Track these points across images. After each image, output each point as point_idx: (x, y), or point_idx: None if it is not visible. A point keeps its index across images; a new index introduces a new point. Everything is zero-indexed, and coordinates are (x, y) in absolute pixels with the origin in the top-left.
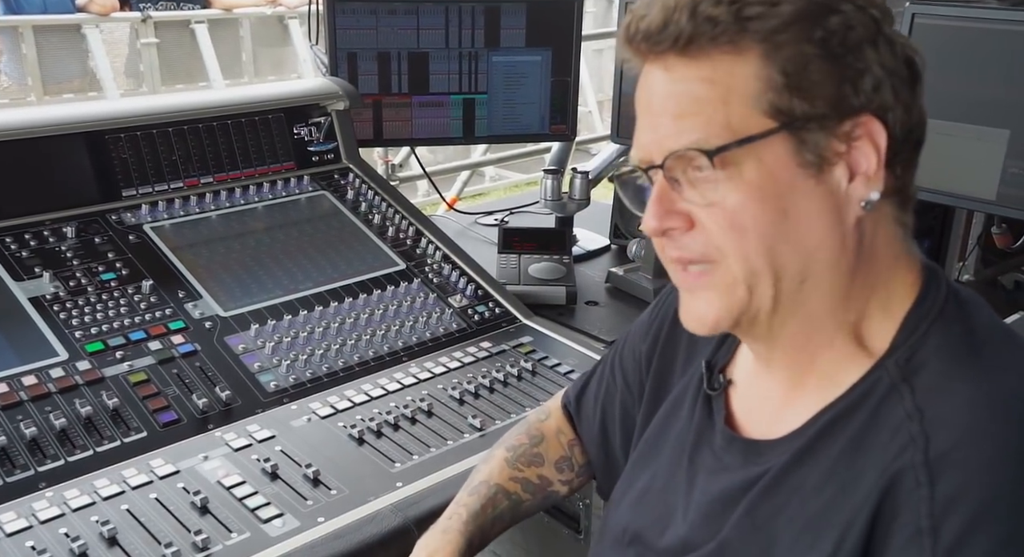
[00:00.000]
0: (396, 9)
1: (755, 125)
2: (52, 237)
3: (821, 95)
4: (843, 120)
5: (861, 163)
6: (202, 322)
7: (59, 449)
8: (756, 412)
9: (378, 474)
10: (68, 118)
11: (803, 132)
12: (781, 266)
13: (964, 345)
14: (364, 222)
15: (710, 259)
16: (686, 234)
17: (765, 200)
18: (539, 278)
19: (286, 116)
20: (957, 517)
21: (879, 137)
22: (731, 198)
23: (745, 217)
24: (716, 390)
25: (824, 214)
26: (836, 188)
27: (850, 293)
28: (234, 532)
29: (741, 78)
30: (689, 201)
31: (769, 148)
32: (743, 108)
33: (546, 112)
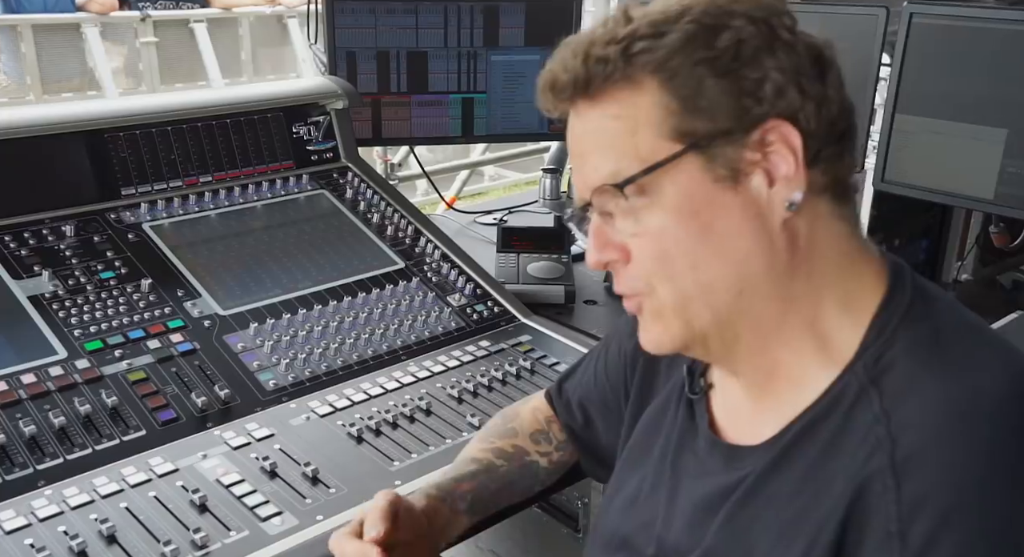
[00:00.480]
0: (395, 8)
1: (662, 150)
2: (51, 236)
3: (721, 112)
4: (750, 131)
5: (780, 167)
6: (201, 321)
7: (58, 447)
8: (734, 416)
9: (377, 472)
10: (67, 117)
11: (711, 149)
12: (711, 283)
13: (931, 344)
14: (363, 221)
15: (643, 292)
16: (625, 268)
17: (685, 220)
18: (538, 277)
19: (285, 115)
20: (924, 519)
21: (792, 139)
22: (653, 223)
23: (668, 241)
24: (697, 394)
25: (747, 222)
26: (757, 196)
27: (793, 294)
28: (233, 530)
29: (643, 109)
30: (620, 232)
31: (681, 169)
32: (649, 136)
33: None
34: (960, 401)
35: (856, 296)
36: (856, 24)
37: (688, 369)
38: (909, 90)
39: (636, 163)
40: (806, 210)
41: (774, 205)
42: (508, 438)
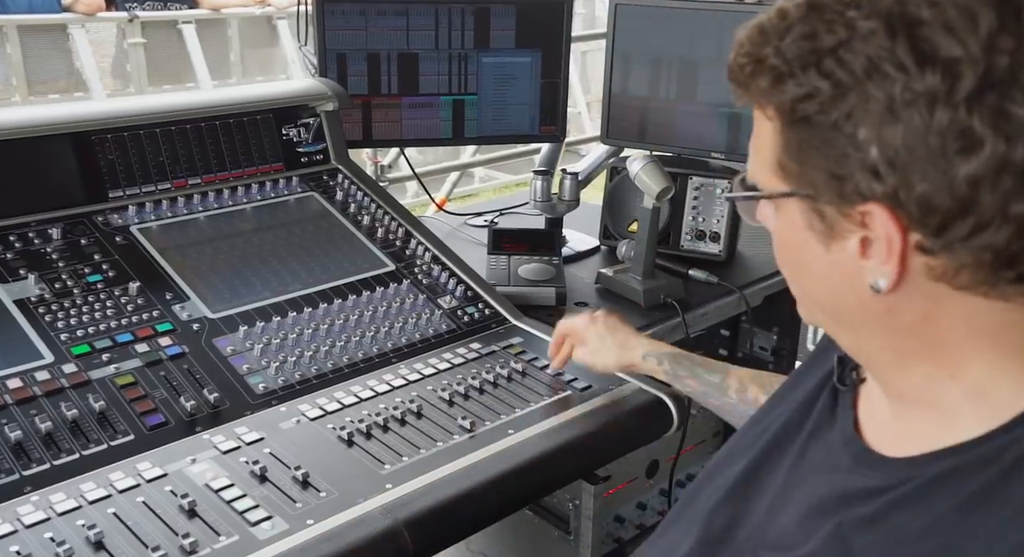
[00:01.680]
0: (386, 10)
1: (772, 179)
2: (38, 239)
3: (816, 176)
4: (845, 204)
5: (873, 249)
6: (190, 324)
7: (44, 453)
8: (876, 418)
9: (368, 476)
10: (54, 119)
11: (811, 201)
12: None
13: None
14: (353, 223)
15: None
16: None
17: (784, 247)
18: (529, 279)
19: (275, 117)
20: None
21: (889, 230)
22: (772, 225)
23: (778, 251)
24: (847, 386)
25: (832, 279)
26: (847, 259)
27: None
28: (222, 535)
29: (764, 126)
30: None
31: (785, 204)
32: (767, 156)
33: (536, 113)
34: None
35: (1010, 350)
36: None
37: (839, 358)
38: None
39: (760, 172)
40: (918, 291)
41: (863, 278)
42: (759, 387)
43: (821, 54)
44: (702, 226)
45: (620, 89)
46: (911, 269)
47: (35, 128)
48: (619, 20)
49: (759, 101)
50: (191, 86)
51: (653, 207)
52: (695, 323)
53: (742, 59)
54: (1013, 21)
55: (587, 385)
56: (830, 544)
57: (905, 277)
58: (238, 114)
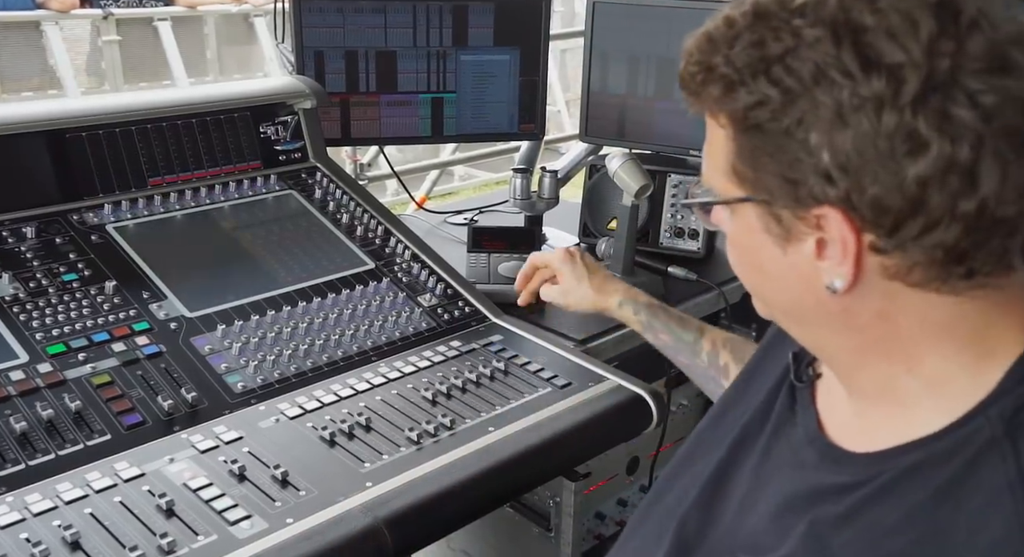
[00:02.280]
0: (363, 7)
1: (727, 185)
2: (11, 238)
3: (770, 181)
4: (800, 208)
5: (829, 249)
6: (167, 323)
7: (19, 453)
8: (837, 414)
9: (347, 474)
10: (28, 116)
11: (767, 206)
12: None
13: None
14: (332, 221)
15: None
16: None
17: (741, 249)
18: (509, 277)
19: (252, 115)
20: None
21: (843, 232)
22: (728, 230)
23: (734, 255)
24: (804, 383)
25: (791, 281)
26: (804, 261)
27: (867, 345)
28: (201, 534)
29: (716, 134)
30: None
31: (742, 209)
32: (721, 163)
33: (515, 111)
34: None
35: (980, 346)
36: None
37: (794, 355)
38: None
39: (716, 175)
40: (873, 289)
41: (819, 278)
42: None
43: (770, 62)
44: (681, 223)
45: (599, 87)
46: (866, 269)
47: (9, 126)
48: (597, 18)
49: (711, 109)
50: (167, 84)
51: (632, 205)
52: None
53: (692, 68)
54: (952, 25)
55: (567, 382)
56: (807, 543)
57: (860, 277)
58: (215, 112)
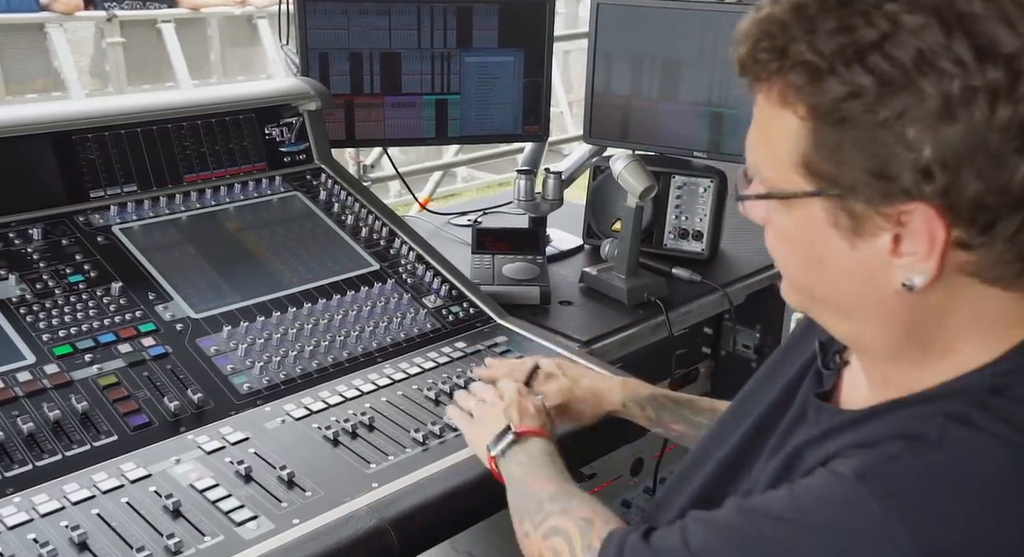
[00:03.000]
0: (368, 9)
1: (792, 178)
2: (18, 239)
3: (855, 176)
4: (886, 203)
5: (909, 246)
6: (173, 324)
7: (27, 454)
8: (853, 397)
9: (353, 475)
10: (34, 118)
11: (840, 200)
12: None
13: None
14: (337, 223)
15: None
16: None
17: (795, 243)
18: (513, 278)
19: (257, 116)
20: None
21: (933, 228)
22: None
23: (785, 247)
24: (831, 369)
25: (856, 275)
26: (874, 257)
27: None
28: (207, 535)
29: (784, 124)
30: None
31: (804, 204)
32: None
33: (519, 112)
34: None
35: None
36: None
37: (821, 343)
38: None
39: (774, 167)
40: (942, 285)
41: (891, 274)
42: None
43: (864, 49)
44: (685, 225)
45: (603, 88)
46: (946, 264)
47: (16, 128)
48: (601, 19)
49: (786, 99)
50: (170, 85)
51: (636, 206)
52: (678, 321)
53: (763, 54)
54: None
55: None
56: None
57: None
58: (220, 114)
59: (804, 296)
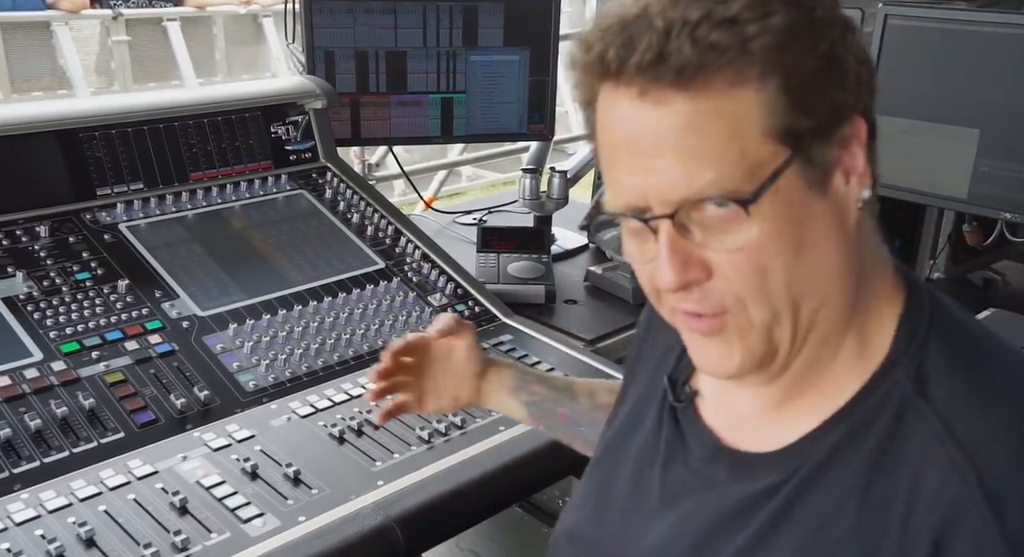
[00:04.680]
0: (374, 8)
1: (769, 155)
2: (25, 236)
3: (824, 108)
4: (841, 126)
5: (854, 163)
6: (179, 322)
7: (34, 450)
8: (737, 423)
9: (359, 473)
10: (41, 117)
11: (810, 150)
12: (801, 299)
13: (967, 352)
14: (343, 221)
15: (727, 310)
16: (704, 285)
17: (784, 234)
18: (518, 277)
19: (263, 115)
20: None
21: (863, 133)
22: (751, 237)
23: (767, 256)
24: (683, 402)
25: (833, 230)
26: (837, 195)
27: (855, 303)
28: (214, 532)
29: (746, 105)
30: (707, 248)
31: (784, 179)
32: (753, 138)
33: (524, 111)
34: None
35: (884, 298)
36: None
37: (669, 378)
38: (884, 91)
39: (741, 172)
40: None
41: (849, 204)
42: (610, 393)
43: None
44: None
45: None
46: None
47: (23, 126)
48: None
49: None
50: (176, 84)
51: None
52: None
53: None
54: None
55: None
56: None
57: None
58: (227, 112)
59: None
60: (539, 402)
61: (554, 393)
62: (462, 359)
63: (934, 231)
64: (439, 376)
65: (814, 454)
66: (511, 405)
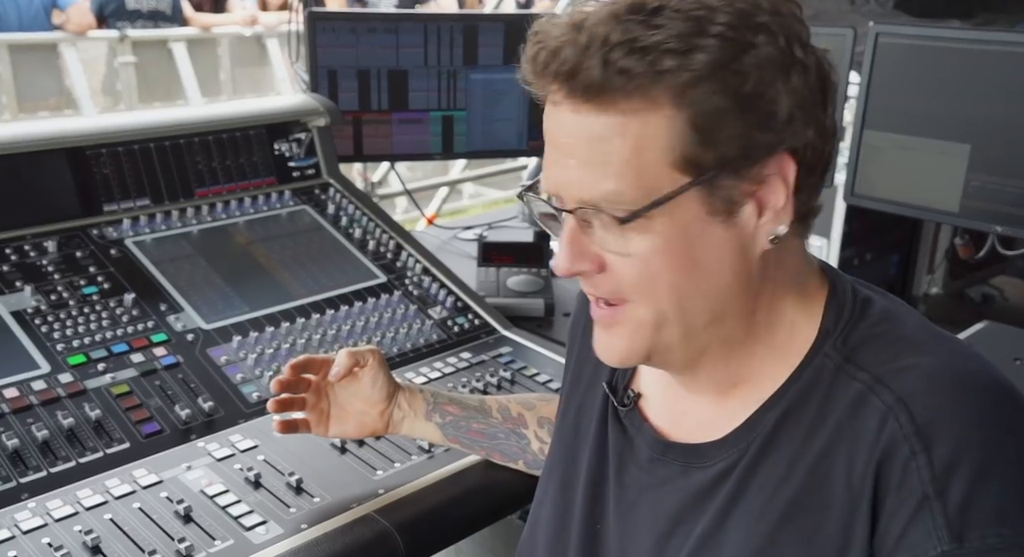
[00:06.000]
0: (376, 27)
1: (666, 181)
2: (33, 252)
3: (733, 144)
4: (756, 163)
5: (770, 199)
6: (184, 335)
7: (41, 460)
8: (681, 419)
9: (360, 481)
10: (49, 134)
11: (714, 181)
12: (689, 309)
13: (890, 322)
14: (345, 236)
15: (620, 299)
16: (596, 276)
17: (674, 253)
18: (517, 290)
19: (267, 132)
20: (960, 478)
21: (788, 172)
22: (642, 248)
23: (654, 268)
24: (628, 405)
25: (732, 256)
26: (745, 226)
27: (758, 308)
28: (217, 540)
29: (652, 129)
30: (600, 244)
31: (679, 203)
32: (654, 162)
33: (524, 128)
34: (949, 367)
35: (808, 294)
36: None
37: (608, 385)
38: (876, 107)
39: (636, 189)
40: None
41: (758, 237)
42: (521, 405)
43: (704, 23)
44: None
45: None
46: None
47: (31, 143)
48: None
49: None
50: (181, 104)
51: None
52: None
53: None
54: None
55: None
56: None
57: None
58: (231, 129)
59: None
60: (454, 422)
61: (467, 411)
62: (367, 383)
63: (931, 247)
64: (344, 399)
65: (760, 431)
66: (426, 429)
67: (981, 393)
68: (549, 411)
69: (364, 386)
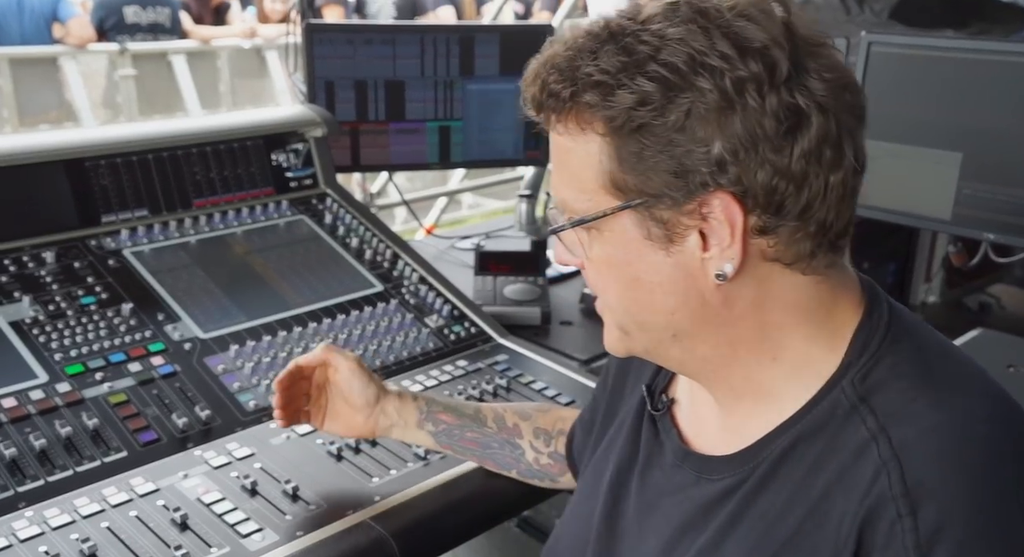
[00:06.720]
0: (372, 39)
1: (602, 200)
2: (31, 262)
3: (659, 179)
4: (688, 199)
5: (715, 236)
6: (182, 344)
7: (39, 469)
8: (702, 428)
9: (356, 489)
10: (48, 146)
11: (650, 208)
12: (645, 324)
13: (917, 364)
14: (342, 245)
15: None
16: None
17: (612, 266)
18: (514, 299)
19: (265, 143)
20: (943, 549)
21: (732, 212)
22: (594, 254)
23: (603, 276)
24: (660, 410)
25: (677, 281)
26: (689, 258)
27: (741, 339)
28: (214, 547)
29: (584, 150)
30: (570, 246)
31: (616, 221)
32: (591, 180)
33: (520, 138)
34: (956, 426)
35: (830, 324)
36: None
37: (647, 388)
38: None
39: (582, 201)
40: (751, 275)
41: (706, 270)
42: (517, 415)
43: (643, 61)
44: None
45: None
46: (749, 251)
47: (30, 155)
48: None
49: (584, 121)
50: (181, 116)
51: None
52: None
53: (556, 85)
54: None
55: (571, 400)
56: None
57: (744, 260)
58: (229, 140)
59: (630, 329)
60: (447, 430)
61: (461, 420)
62: (343, 388)
63: (928, 255)
64: (333, 400)
65: (766, 457)
66: (418, 437)
67: (982, 459)
68: (545, 422)
69: (341, 390)
